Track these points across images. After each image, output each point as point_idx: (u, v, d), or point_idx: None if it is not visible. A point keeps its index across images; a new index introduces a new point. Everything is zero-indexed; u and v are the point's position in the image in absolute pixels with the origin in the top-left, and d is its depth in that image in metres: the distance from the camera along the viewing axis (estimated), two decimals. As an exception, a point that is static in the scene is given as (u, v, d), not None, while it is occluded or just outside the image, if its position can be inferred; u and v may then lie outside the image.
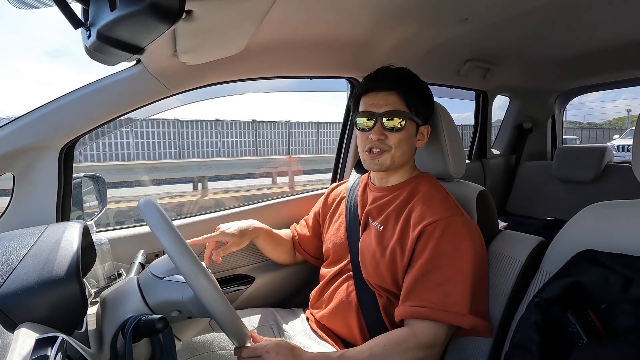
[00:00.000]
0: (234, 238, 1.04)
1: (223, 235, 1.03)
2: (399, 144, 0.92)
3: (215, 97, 1.33)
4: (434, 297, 0.78)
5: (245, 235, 1.07)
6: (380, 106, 0.92)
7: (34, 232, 0.69)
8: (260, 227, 1.13)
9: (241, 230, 1.07)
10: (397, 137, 0.91)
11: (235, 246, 1.04)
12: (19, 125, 0.91)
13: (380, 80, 0.94)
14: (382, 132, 0.92)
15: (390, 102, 0.91)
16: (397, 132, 0.91)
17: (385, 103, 0.92)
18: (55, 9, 0.49)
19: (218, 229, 1.05)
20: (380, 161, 0.93)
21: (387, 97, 0.92)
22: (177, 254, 0.60)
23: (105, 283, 0.95)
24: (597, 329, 0.57)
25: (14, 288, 0.54)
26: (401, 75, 0.95)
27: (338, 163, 1.59)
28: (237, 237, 1.04)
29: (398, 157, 0.93)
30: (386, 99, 0.92)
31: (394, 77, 0.94)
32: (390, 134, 0.91)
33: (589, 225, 0.74)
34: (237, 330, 0.67)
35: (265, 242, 1.15)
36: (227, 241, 1.03)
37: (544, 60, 1.72)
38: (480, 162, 2.24)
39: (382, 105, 0.92)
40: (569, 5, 1.09)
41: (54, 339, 0.47)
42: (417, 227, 0.85)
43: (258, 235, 1.12)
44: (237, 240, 1.04)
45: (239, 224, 1.08)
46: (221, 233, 1.03)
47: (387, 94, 0.92)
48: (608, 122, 34.44)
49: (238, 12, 0.69)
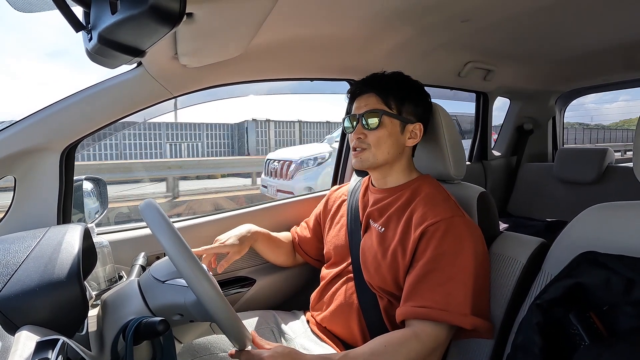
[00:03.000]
0: (234, 248, 1.04)
1: (222, 247, 1.03)
2: (377, 142, 0.94)
3: (216, 99, 1.33)
4: (435, 298, 0.78)
5: (244, 242, 1.07)
6: (361, 108, 0.97)
7: (35, 234, 0.69)
8: (258, 231, 1.13)
9: (240, 238, 1.07)
10: (375, 134, 0.94)
11: (237, 255, 1.05)
12: (20, 128, 0.91)
13: (362, 85, 0.99)
14: (361, 132, 0.96)
15: (369, 102, 0.96)
16: (375, 130, 0.94)
17: (365, 104, 0.96)
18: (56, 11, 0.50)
19: (216, 241, 1.05)
20: (362, 158, 0.96)
21: (367, 99, 0.97)
22: (179, 256, 0.60)
23: (106, 285, 0.95)
24: (599, 330, 0.56)
25: (15, 291, 0.55)
26: (383, 78, 0.99)
27: (339, 166, 1.59)
28: (237, 247, 1.05)
29: (380, 154, 0.95)
30: (366, 101, 0.97)
31: (374, 81, 0.99)
32: (368, 133, 0.95)
33: (590, 226, 0.74)
34: (238, 333, 0.67)
35: (264, 245, 1.16)
36: (227, 252, 1.04)
37: (544, 61, 1.72)
38: (481, 164, 2.24)
39: (362, 107, 0.96)
40: (570, 6, 1.09)
41: (54, 342, 0.47)
42: (419, 228, 0.85)
43: (257, 239, 1.13)
44: (238, 249, 1.05)
45: (236, 233, 1.08)
46: (220, 246, 1.03)
47: (367, 96, 0.97)
48: (615, 123, 34.63)
49: (238, 15, 0.69)
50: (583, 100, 41.78)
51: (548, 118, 2.48)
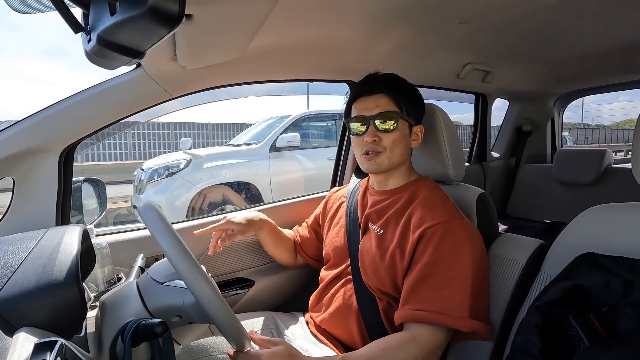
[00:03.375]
0: (240, 227, 1.06)
1: (229, 223, 1.06)
2: (393, 145, 0.93)
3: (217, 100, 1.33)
4: (433, 301, 0.78)
5: (251, 224, 1.09)
6: (372, 109, 0.94)
7: (34, 236, 0.69)
8: (265, 220, 1.16)
9: (247, 219, 1.09)
10: (391, 137, 0.93)
11: (241, 234, 1.07)
12: (19, 129, 0.91)
13: (369, 85, 0.97)
14: (376, 134, 0.93)
15: (381, 104, 0.93)
16: (391, 133, 0.93)
17: (375, 106, 0.94)
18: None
19: (225, 217, 1.08)
20: (377, 162, 0.94)
21: (377, 100, 0.94)
22: (177, 257, 0.60)
23: (105, 287, 0.94)
24: (598, 332, 0.56)
25: (13, 292, 0.54)
26: (389, 79, 0.98)
27: (337, 168, 1.59)
28: (243, 226, 1.07)
29: (395, 157, 0.94)
30: (377, 102, 0.94)
31: (382, 80, 0.97)
32: (383, 135, 0.93)
33: (589, 227, 0.74)
34: (237, 335, 0.67)
35: (269, 236, 1.17)
36: (233, 229, 1.06)
37: (543, 63, 1.73)
38: (480, 165, 2.24)
39: (373, 108, 0.94)
40: (568, 8, 1.09)
41: (53, 344, 0.47)
42: (417, 231, 0.85)
43: (263, 227, 1.14)
44: (243, 229, 1.07)
45: (245, 214, 1.11)
46: (227, 221, 1.06)
47: (377, 96, 0.94)
48: (616, 124, 35.01)
49: (238, 16, 0.69)
50: (583, 100, 42.28)
51: (547, 119, 2.48)
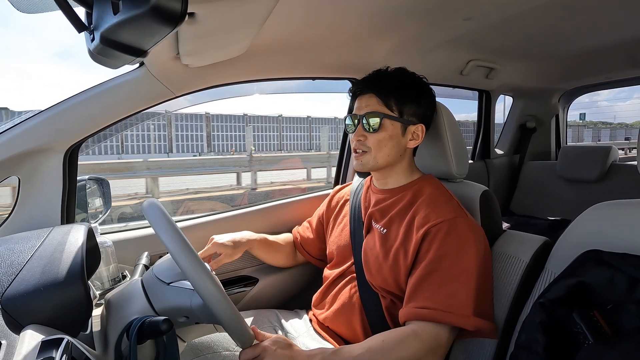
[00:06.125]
0: (227, 250, 1.03)
1: (216, 246, 1.03)
2: (377, 144, 0.93)
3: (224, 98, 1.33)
4: (437, 299, 0.78)
5: (238, 247, 1.06)
6: (362, 108, 0.95)
7: (39, 234, 0.70)
8: (253, 239, 1.12)
9: (234, 241, 1.06)
10: (376, 137, 0.93)
11: (228, 258, 1.04)
12: (24, 128, 0.92)
13: (363, 84, 0.98)
14: (362, 134, 0.94)
15: (370, 103, 0.94)
16: (375, 133, 0.93)
17: (365, 105, 0.95)
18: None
19: (211, 239, 1.05)
20: (362, 161, 0.95)
21: (368, 100, 0.95)
22: (182, 256, 0.60)
23: (110, 285, 0.95)
24: (603, 329, 0.56)
25: (19, 290, 0.55)
26: (385, 78, 0.96)
27: (340, 166, 1.59)
28: (230, 249, 1.04)
29: (381, 157, 0.94)
30: (367, 101, 0.95)
31: (374, 81, 0.96)
32: (369, 135, 0.94)
33: (593, 225, 0.74)
34: (242, 333, 0.67)
35: (261, 251, 1.15)
36: (220, 253, 1.03)
37: (547, 59, 1.71)
38: (484, 162, 2.23)
39: (364, 107, 0.95)
40: (573, 3, 1.08)
41: (59, 341, 0.47)
42: (422, 229, 0.84)
43: (252, 246, 1.11)
44: (230, 252, 1.04)
45: (232, 236, 1.08)
46: (214, 244, 1.03)
47: (368, 96, 0.95)
48: (638, 122, 35.26)
49: (240, 15, 0.69)
50: (594, 98, 42.27)
51: (551, 116, 2.47)
